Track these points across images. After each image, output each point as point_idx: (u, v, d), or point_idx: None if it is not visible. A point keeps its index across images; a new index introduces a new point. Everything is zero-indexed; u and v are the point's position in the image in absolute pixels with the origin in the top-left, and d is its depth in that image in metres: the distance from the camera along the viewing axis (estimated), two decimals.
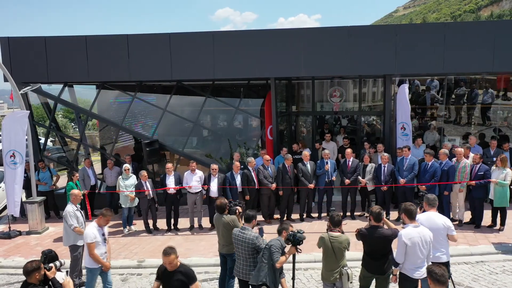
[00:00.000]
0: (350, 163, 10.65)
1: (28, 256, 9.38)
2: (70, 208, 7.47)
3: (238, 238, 5.97)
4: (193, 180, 10.49)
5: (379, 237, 5.63)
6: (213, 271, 8.30)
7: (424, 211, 6.13)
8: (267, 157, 10.72)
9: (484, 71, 11.81)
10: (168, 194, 10.50)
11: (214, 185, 10.33)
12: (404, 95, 10.97)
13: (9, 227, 10.92)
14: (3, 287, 8.15)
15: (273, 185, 10.46)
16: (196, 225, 10.79)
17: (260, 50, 11.49)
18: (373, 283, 5.95)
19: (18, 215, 11.02)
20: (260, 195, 10.60)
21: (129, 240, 10.24)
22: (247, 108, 13.51)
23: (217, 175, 10.39)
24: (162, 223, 10.88)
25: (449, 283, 6.15)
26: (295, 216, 10.98)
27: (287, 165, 10.58)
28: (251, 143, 13.34)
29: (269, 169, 10.58)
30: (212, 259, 8.76)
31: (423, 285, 3.97)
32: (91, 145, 15.22)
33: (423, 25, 21.87)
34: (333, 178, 10.77)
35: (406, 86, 11.09)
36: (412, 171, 10.04)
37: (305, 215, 11.01)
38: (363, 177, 10.55)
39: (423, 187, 9.68)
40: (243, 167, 10.87)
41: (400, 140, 11.43)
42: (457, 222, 9.76)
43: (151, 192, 10.45)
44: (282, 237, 5.57)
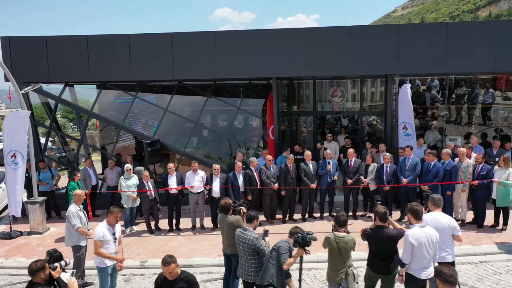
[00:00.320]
0: (352, 163, 10.65)
1: (30, 257, 9.35)
2: (73, 208, 7.44)
3: (239, 239, 5.95)
4: (195, 180, 10.47)
5: (385, 237, 5.62)
6: (216, 271, 8.29)
7: (429, 211, 6.12)
8: (269, 157, 10.71)
9: (486, 71, 11.81)
10: (170, 194, 10.48)
11: (216, 185, 10.32)
12: (406, 95, 10.97)
13: (10, 228, 10.87)
14: None
15: (275, 185, 10.45)
16: (198, 225, 10.77)
17: (262, 50, 11.47)
18: (378, 283, 5.95)
19: (19, 215, 10.97)
20: (262, 195, 10.59)
21: (131, 240, 10.21)
22: (248, 108, 13.49)
23: (219, 175, 10.38)
24: (164, 223, 10.87)
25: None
26: (297, 216, 10.97)
27: (289, 165, 10.57)
28: (252, 143, 13.32)
29: (272, 169, 10.56)
30: (216, 259, 8.75)
31: (431, 285, 3.95)
32: (92, 145, 15.16)
33: (424, 25, 21.88)
34: (335, 178, 10.78)
35: (408, 86, 11.08)
36: (414, 171, 10.04)
37: (307, 215, 11.00)
38: (365, 177, 10.55)
39: (425, 187, 9.69)
40: (245, 166, 10.86)
41: (402, 140, 11.42)
42: (459, 222, 9.74)
43: (153, 192, 10.43)
44: (292, 239, 5.53)
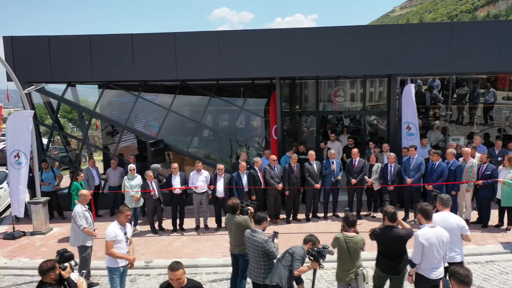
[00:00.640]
0: (357, 163, 10.64)
1: (34, 257, 9.32)
2: (79, 209, 7.41)
3: (249, 241, 5.93)
4: (199, 180, 10.44)
5: (394, 237, 5.61)
6: (222, 272, 8.27)
7: (437, 211, 6.11)
8: (274, 157, 10.69)
9: (489, 71, 11.82)
10: (174, 194, 10.46)
11: (220, 185, 10.29)
12: (410, 94, 10.97)
13: (13, 228, 10.83)
14: None
15: (280, 185, 10.43)
16: (202, 225, 10.74)
17: (266, 49, 11.44)
18: (387, 283, 5.94)
19: (22, 215, 10.93)
20: (267, 195, 10.57)
21: (135, 240, 10.10)
22: (250, 108, 13.47)
23: (223, 175, 10.36)
24: (167, 224, 10.85)
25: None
26: (301, 216, 10.95)
27: (293, 165, 10.55)
28: (254, 143, 13.31)
29: (276, 169, 10.55)
30: (221, 259, 8.73)
31: (444, 286, 3.94)
32: (95, 145, 15.12)
33: (428, 25, 21.86)
34: (339, 178, 10.78)
35: (412, 86, 11.08)
36: (418, 171, 10.04)
37: (310, 215, 10.99)
38: (369, 177, 10.54)
39: (430, 187, 9.70)
40: (249, 166, 10.84)
41: (405, 140, 11.43)
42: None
43: (156, 192, 10.40)
44: (306, 247, 5.50)
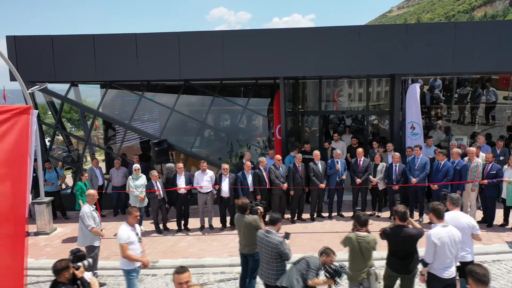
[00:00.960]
0: (361, 162, 10.65)
1: (38, 257, 9.29)
2: (87, 209, 7.39)
3: (262, 241, 5.88)
4: (204, 180, 10.43)
5: (405, 237, 5.62)
6: (229, 271, 8.26)
7: (447, 210, 6.12)
8: (279, 156, 10.69)
9: (494, 71, 11.85)
10: (179, 194, 10.44)
11: (225, 185, 10.28)
12: (415, 94, 10.99)
13: None
14: None
15: (285, 185, 10.43)
16: (206, 225, 10.73)
17: (270, 49, 11.45)
18: (397, 282, 5.95)
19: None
20: (272, 195, 10.56)
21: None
22: (253, 107, 13.46)
23: (228, 175, 10.35)
24: (172, 223, 10.83)
25: (457, 283, 6.17)
26: (306, 216, 10.96)
27: (297, 165, 10.56)
28: (258, 142, 13.31)
29: (281, 168, 10.55)
30: (227, 259, 8.72)
31: (462, 285, 3.94)
32: (98, 144, 15.09)
33: (432, 25, 21.99)
34: (344, 178, 10.79)
35: (417, 86, 11.10)
36: (423, 171, 10.05)
37: (315, 214, 10.99)
38: (374, 177, 10.55)
39: (435, 186, 9.72)
40: (253, 166, 10.84)
41: (409, 140, 11.45)
42: None
43: (161, 192, 10.38)
44: (322, 260, 5.48)
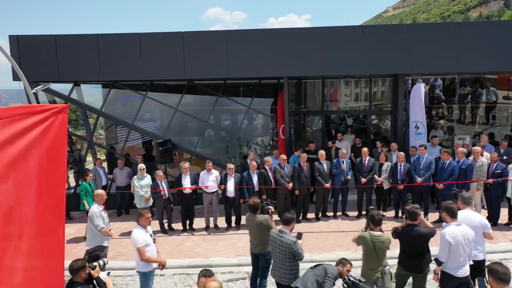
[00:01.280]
0: (366, 162, 10.68)
1: None
2: (96, 209, 7.36)
3: (275, 241, 5.88)
4: (209, 180, 10.42)
5: (416, 236, 5.65)
6: (237, 271, 8.27)
7: (458, 209, 6.15)
8: (284, 156, 10.70)
9: (498, 70, 11.92)
10: (184, 194, 10.43)
11: (231, 185, 10.29)
12: (420, 94, 11.02)
13: None
14: None
15: (290, 185, 10.44)
16: (211, 225, 10.72)
17: (274, 49, 11.44)
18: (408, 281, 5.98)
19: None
20: (277, 194, 10.56)
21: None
22: (256, 107, 13.46)
23: (233, 175, 10.35)
24: (176, 223, 10.80)
25: (476, 281, 6.20)
26: (311, 215, 10.98)
27: (302, 164, 10.57)
28: (262, 142, 13.31)
29: (286, 168, 10.56)
30: (235, 259, 8.73)
31: (480, 284, 3.96)
32: (101, 144, 15.04)
33: (436, 25, 22.12)
34: (349, 177, 10.82)
35: (422, 86, 11.14)
36: (429, 170, 10.09)
37: (320, 214, 11.01)
38: (379, 176, 10.58)
39: (440, 185, 9.77)
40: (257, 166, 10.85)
41: (413, 139, 11.49)
42: None
43: (166, 192, 10.37)
44: (338, 269, 5.47)
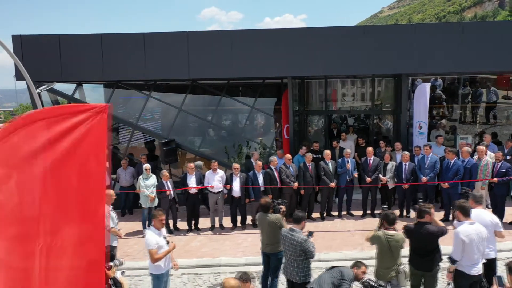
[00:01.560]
0: (371, 161, 10.72)
1: None
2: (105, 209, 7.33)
3: (286, 239, 5.93)
4: (215, 179, 10.42)
5: (424, 233, 5.70)
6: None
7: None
8: (289, 156, 10.73)
9: (501, 70, 12.01)
10: (190, 194, 10.43)
11: (236, 185, 10.30)
12: (425, 94, 11.08)
13: None
14: None
15: (295, 184, 10.46)
16: (217, 224, 10.73)
17: (279, 49, 11.47)
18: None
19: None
20: (282, 194, 10.57)
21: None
22: (260, 107, 13.48)
23: (239, 175, 10.36)
24: (182, 223, 10.80)
25: (493, 280, 6.25)
26: (316, 215, 11.00)
27: (307, 164, 10.60)
28: (265, 142, 13.33)
29: (291, 168, 10.58)
30: (242, 258, 8.75)
31: (499, 282, 4.01)
32: None
33: (440, 25, 22.25)
34: (355, 175, 10.87)
35: (428, 86, 11.21)
36: (434, 169, 10.15)
37: (325, 213, 11.05)
38: (384, 175, 10.63)
39: (445, 185, 9.82)
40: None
41: (417, 139, 11.56)
42: None
43: (172, 192, 10.36)
44: (353, 271, 5.47)
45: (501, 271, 7.21)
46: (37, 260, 2.47)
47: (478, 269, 5.37)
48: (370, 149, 10.80)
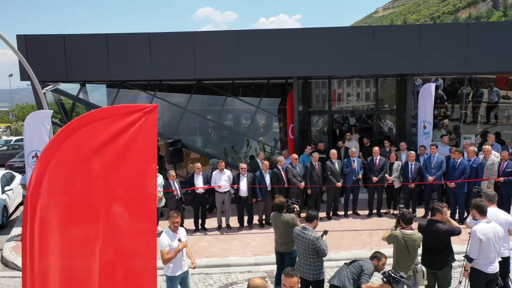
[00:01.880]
0: (377, 161, 10.78)
1: None
2: None
3: (299, 238, 5.98)
4: (222, 179, 10.43)
5: (434, 231, 5.79)
6: (255, 270, 8.32)
7: None
8: (295, 155, 10.76)
9: (506, 70, 12.10)
10: (197, 194, 10.43)
11: (243, 185, 10.31)
12: (430, 94, 11.14)
13: None
14: None
15: (302, 184, 10.50)
16: (224, 224, 10.74)
17: (284, 49, 11.50)
18: None
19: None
20: (289, 193, 10.60)
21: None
22: (264, 107, 13.50)
23: (246, 174, 10.38)
24: (187, 223, 10.79)
25: (508, 278, 6.32)
26: (322, 214, 11.01)
27: (314, 163, 10.64)
28: (271, 142, 13.36)
29: (297, 167, 10.62)
30: (252, 258, 8.77)
31: None
32: None
33: (445, 25, 22.41)
34: (360, 176, 10.91)
35: (433, 86, 11.27)
36: (440, 169, 10.22)
37: (331, 213, 11.09)
38: (390, 175, 10.69)
39: (452, 184, 9.89)
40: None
41: (422, 138, 11.62)
42: None
43: (179, 192, 10.36)
44: (373, 263, 5.53)
45: None
46: (96, 259, 2.48)
47: (494, 267, 5.43)
48: (376, 148, 10.85)
